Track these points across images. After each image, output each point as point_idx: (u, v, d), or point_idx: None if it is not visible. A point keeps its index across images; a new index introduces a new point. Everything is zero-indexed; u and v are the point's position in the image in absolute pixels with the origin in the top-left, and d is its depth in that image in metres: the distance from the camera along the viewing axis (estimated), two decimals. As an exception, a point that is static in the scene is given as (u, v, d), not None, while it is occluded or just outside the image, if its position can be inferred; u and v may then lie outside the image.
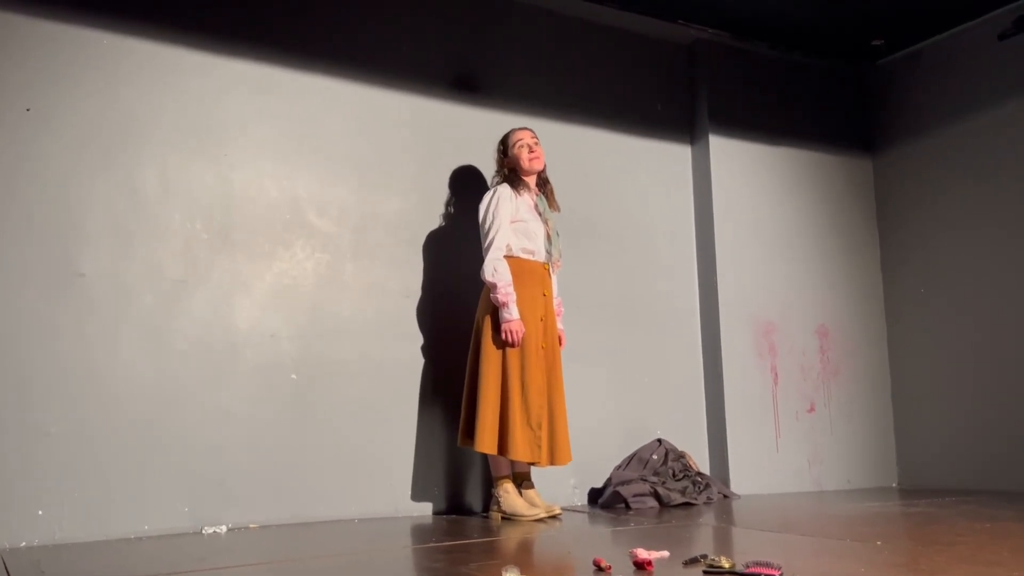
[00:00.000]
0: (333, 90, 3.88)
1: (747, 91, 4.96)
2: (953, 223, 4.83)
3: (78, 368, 3.22)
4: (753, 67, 5.01)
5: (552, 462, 3.57)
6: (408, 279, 3.94)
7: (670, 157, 4.81)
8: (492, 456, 3.59)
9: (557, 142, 4.23)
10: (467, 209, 3.99)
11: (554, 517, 3.54)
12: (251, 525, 3.42)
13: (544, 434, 3.53)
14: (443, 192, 4.07)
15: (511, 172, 3.74)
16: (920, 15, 4.72)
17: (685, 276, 4.76)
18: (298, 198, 3.74)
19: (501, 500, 3.57)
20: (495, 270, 3.53)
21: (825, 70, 5.27)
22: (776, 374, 4.78)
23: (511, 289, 3.52)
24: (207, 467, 3.38)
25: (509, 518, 3.53)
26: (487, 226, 3.60)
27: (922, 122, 5.05)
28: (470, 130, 4.16)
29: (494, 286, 3.52)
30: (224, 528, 3.34)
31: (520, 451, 3.46)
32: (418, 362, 3.90)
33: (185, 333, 3.43)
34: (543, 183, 3.83)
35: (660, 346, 4.58)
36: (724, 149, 4.80)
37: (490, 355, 3.53)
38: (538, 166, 3.74)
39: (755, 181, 4.89)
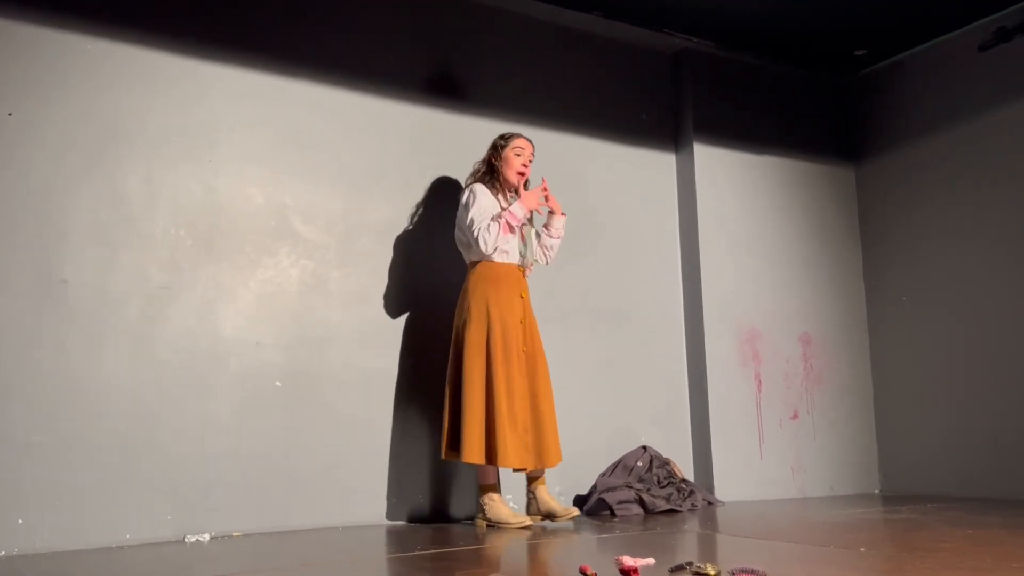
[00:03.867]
0: (320, 96, 3.87)
1: (732, 100, 4.99)
2: (935, 232, 4.87)
3: (60, 376, 3.19)
4: (737, 76, 5.04)
5: (541, 465, 3.55)
6: (394, 287, 3.93)
7: (655, 165, 4.83)
8: (479, 468, 3.57)
9: (543, 150, 4.22)
10: (451, 218, 4.00)
11: (570, 520, 3.54)
12: (234, 533, 3.40)
13: (531, 438, 3.51)
14: (432, 202, 4.07)
15: (491, 169, 3.71)
16: (902, 26, 4.77)
17: (669, 283, 4.78)
18: (284, 205, 3.73)
19: (486, 508, 3.55)
20: (488, 232, 3.50)
21: (809, 80, 5.31)
22: (760, 381, 4.80)
23: (500, 220, 3.52)
24: (190, 475, 3.36)
25: (494, 526, 3.51)
26: (468, 220, 3.56)
27: (905, 132, 5.09)
28: (457, 138, 4.16)
29: (500, 233, 3.51)
30: (207, 536, 3.31)
31: (510, 458, 3.42)
32: (403, 370, 3.89)
33: (169, 341, 3.41)
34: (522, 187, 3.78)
35: (645, 353, 4.60)
36: (709, 158, 4.83)
37: (473, 363, 3.49)
38: (516, 183, 3.69)
39: (739, 190, 4.92)
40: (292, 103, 3.80)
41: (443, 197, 4.09)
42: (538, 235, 3.83)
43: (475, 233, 3.53)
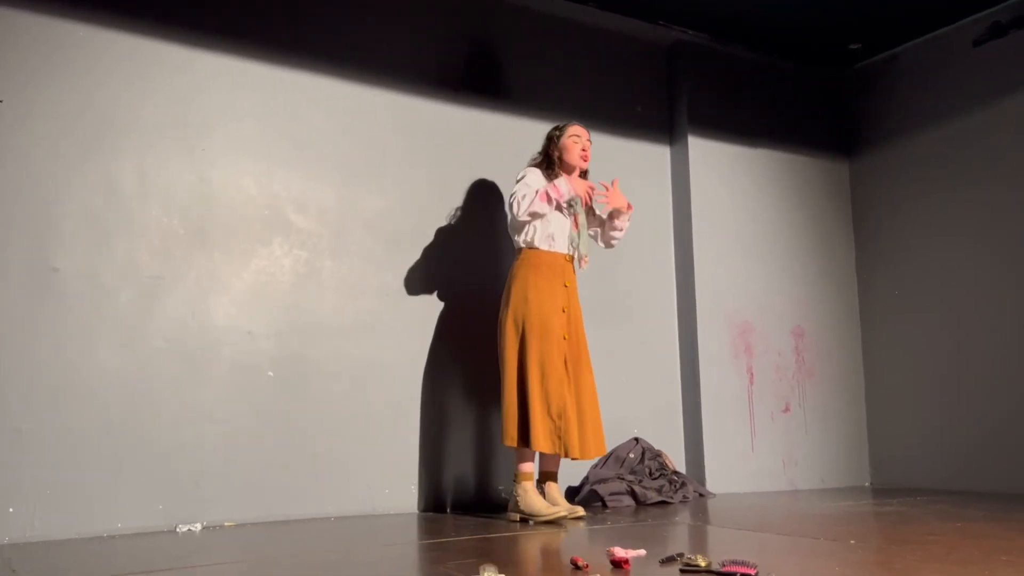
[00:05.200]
0: (315, 86, 3.86)
1: (726, 93, 4.99)
2: (928, 226, 4.89)
3: (52, 364, 3.18)
4: (733, 69, 5.04)
5: (573, 455, 3.43)
6: (388, 278, 3.92)
7: (649, 157, 4.83)
8: (517, 453, 3.48)
9: (535, 141, 4.22)
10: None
11: (579, 518, 3.41)
12: (226, 523, 3.40)
13: (565, 425, 3.41)
14: (425, 191, 4.06)
15: (548, 159, 3.66)
16: (897, 20, 4.77)
17: (663, 276, 4.78)
18: (277, 195, 3.72)
19: (519, 499, 3.42)
20: (523, 197, 3.45)
21: (804, 73, 5.31)
22: (752, 374, 4.82)
23: (534, 196, 3.45)
24: (182, 464, 3.36)
25: (527, 519, 3.38)
26: (512, 192, 3.53)
27: (898, 126, 5.10)
28: (450, 129, 4.15)
29: (536, 200, 3.44)
30: (199, 526, 3.31)
31: (540, 442, 3.35)
32: (396, 360, 3.89)
33: (161, 330, 3.40)
34: (582, 176, 3.73)
35: (638, 345, 4.60)
36: (703, 150, 4.83)
37: (508, 348, 3.48)
38: (583, 165, 3.67)
39: (733, 182, 4.92)
40: (286, 93, 3.79)
41: (449, 190, 4.09)
42: (595, 225, 3.79)
43: (510, 203, 3.50)
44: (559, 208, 3.56)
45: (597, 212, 3.80)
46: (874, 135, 5.25)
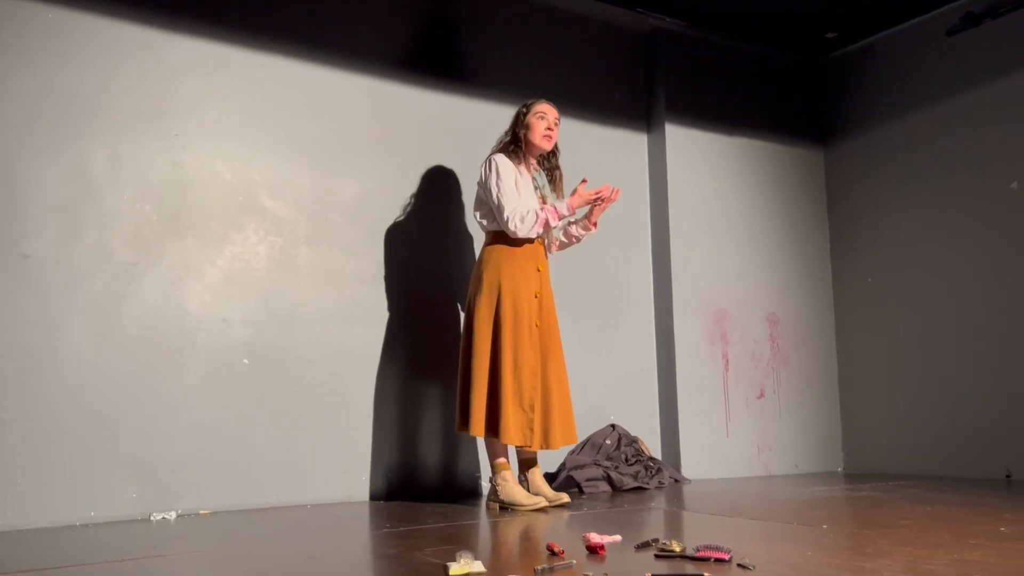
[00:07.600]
0: (291, 71, 3.82)
1: (704, 81, 4.99)
2: (901, 215, 4.93)
3: (24, 351, 3.14)
4: (710, 57, 5.05)
5: (545, 445, 3.39)
6: (364, 265, 3.91)
7: (626, 145, 4.83)
8: (488, 441, 3.43)
9: (514, 128, 4.22)
10: (430, 198, 3.99)
11: (562, 506, 3.37)
12: (202, 511, 3.38)
13: (537, 416, 3.37)
14: (403, 178, 4.04)
15: (515, 138, 3.57)
16: (873, 9, 4.80)
17: (639, 263, 4.79)
18: (252, 181, 3.69)
19: (499, 489, 3.37)
20: (521, 220, 3.38)
21: (780, 62, 5.33)
22: (727, 361, 4.85)
23: (541, 213, 3.40)
24: (156, 452, 3.33)
25: (508, 508, 3.33)
26: (496, 200, 3.41)
27: (873, 116, 5.14)
28: (428, 114, 4.13)
29: (535, 225, 3.38)
30: (174, 514, 3.29)
31: (511, 434, 3.29)
32: (372, 348, 3.88)
33: (135, 317, 3.37)
34: (551, 168, 3.68)
35: (614, 332, 4.62)
36: (680, 138, 4.84)
37: (480, 336, 3.38)
38: (546, 146, 3.57)
39: (710, 171, 4.93)
40: (260, 77, 3.75)
41: (426, 178, 4.06)
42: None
43: (506, 219, 3.38)
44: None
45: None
46: (849, 124, 5.28)
